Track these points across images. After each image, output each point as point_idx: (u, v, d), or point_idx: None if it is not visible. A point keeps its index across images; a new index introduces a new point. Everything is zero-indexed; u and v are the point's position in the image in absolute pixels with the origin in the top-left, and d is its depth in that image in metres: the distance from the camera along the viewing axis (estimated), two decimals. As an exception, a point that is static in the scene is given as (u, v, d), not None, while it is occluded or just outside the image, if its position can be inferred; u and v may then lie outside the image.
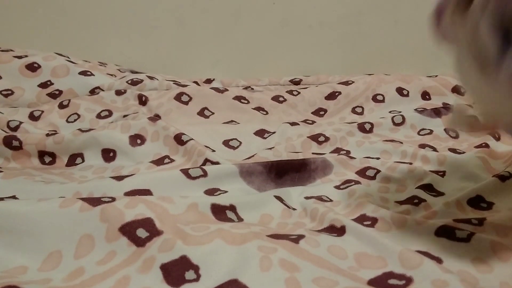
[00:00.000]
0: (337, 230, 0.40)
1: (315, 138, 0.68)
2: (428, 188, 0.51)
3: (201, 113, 0.78)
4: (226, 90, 0.84)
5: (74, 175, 0.57)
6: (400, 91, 0.85)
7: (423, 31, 0.39)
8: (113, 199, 0.38)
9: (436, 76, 0.91)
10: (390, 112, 0.80)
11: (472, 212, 0.46)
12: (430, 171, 0.55)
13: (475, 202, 0.47)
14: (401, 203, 0.48)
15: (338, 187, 0.51)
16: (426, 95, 0.85)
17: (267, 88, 0.92)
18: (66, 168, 0.60)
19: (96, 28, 1.06)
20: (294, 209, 0.46)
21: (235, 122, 0.76)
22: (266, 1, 1.05)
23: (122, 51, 1.07)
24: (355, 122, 0.73)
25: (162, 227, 0.36)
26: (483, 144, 0.64)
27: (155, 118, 0.68)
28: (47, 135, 0.62)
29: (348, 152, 0.65)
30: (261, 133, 0.72)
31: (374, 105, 0.83)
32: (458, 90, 0.86)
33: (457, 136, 0.70)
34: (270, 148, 0.64)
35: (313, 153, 0.64)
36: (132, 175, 0.51)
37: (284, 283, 0.32)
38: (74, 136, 0.62)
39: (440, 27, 0.33)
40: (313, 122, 0.78)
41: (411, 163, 0.59)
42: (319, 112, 0.83)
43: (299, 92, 0.87)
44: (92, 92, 0.82)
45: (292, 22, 1.07)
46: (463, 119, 0.47)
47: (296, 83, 0.95)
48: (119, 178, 0.49)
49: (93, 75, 0.85)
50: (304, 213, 0.45)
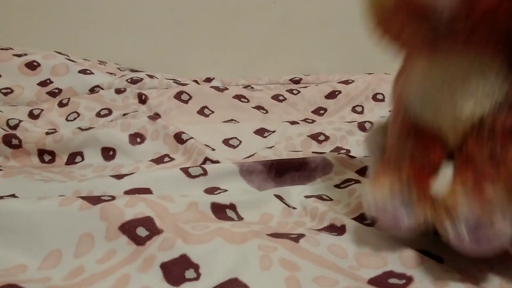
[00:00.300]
0: (337, 229, 0.40)
1: (315, 137, 0.68)
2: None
3: (201, 112, 0.78)
4: (226, 89, 0.84)
5: (73, 174, 0.56)
6: (400, 90, 0.85)
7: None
8: (113, 198, 0.38)
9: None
10: (390, 111, 0.79)
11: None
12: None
13: None
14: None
15: (338, 186, 0.51)
16: (426, 94, 0.85)
17: (267, 87, 0.92)
18: (65, 167, 0.60)
19: (96, 26, 1.06)
20: (294, 208, 0.46)
21: (235, 121, 0.76)
22: (266, -1, 1.05)
23: (122, 49, 1.07)
24: (355, 121, 0.73)
25: (162, 226, 0.35)
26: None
27: (155, 116, 0.68)
28: (47, 133, 0.62)
29: (348, 151, 0.64)
30: (261, 132, 0.72)
31: (374, 104, 0.83)
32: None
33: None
34: (270, 147, 0.64)
35: (313, 152, 0.64)
36: (132, 173, 0.50)
37: (284, 282, 0.31)
38: (73, 134, 0.62)
39: None
40: (313, 121, 0.78)
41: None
42: (319, 111, 0.83)
43: (299, 91, 0.87)
44: (92, 90, 0.82)
45: (292, 21, 1.07)
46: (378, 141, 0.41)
47: (296, 82, 0.95)
48: (119, 177, 0.49)
49: (92, 73, 0.85)
50: (304, 212, 0.45)
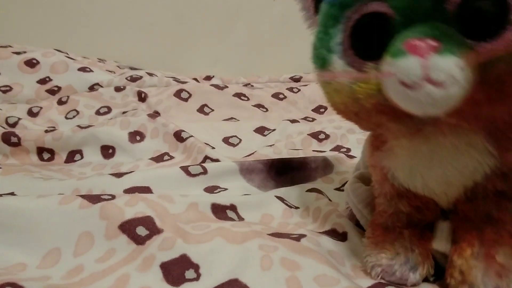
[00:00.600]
0: (338, 235, 0.39)
1: (315, 135, 0.67)
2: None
3: (201, 110, 0.78)
4: (226, 87, 0.84)
5: (73, 172, 0.56)
6: (400, 88, 0.85)
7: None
8: (113, 197, 0.38)
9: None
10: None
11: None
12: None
13: None
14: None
15: (338, 189, 0.51)
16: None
17: (267, 85, 0.92)
18: (65, 165, 0.59)
19: (95, 24, 1.06)
20: (297, 207, 0.46)
21: (235, 119, 0.76)
22: (266, -2, 1.05)
23: (121, 47, 1.07)
24: (355, 120, 0.73)
25: (162, 226, 0.35)
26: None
27: (155, 114, 0.68)
28: (46, 131, 0.61)
29: (348, 150, 0.64)
30: (261, 130, 0.72)
31: (375, 102, 0.83)
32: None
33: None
34: (270, 146, 0.64)
35: (313, 150, 0.64)
36: (131, 172, 0.50)
37: (285, 283, 0.31)
38: (73, 132, 0.61)
39: None
40: (313, 120, 0.78)
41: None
42: (319, 109, 0.83)
43: (299, 89, 0.87)
44: (91, 88, 0.82)
45: (293, 19, 1.07)
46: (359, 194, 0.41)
47: (296, 80, 0.95)
48: (119, 175, 0.49)
49: (92, 71, 0.84)
50: (306, 212, 0.45)
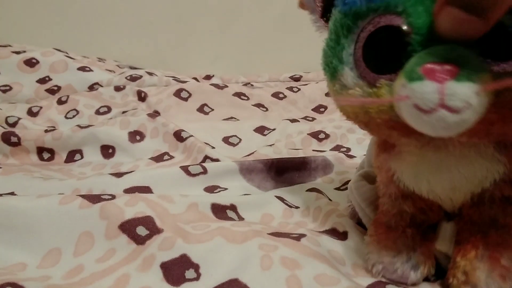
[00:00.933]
0: (339, 235, 0.39)
1: (315, 135, 0.67)
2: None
3: (200, 109, 0.78)
4: (226, 86, 0.84)
5: (73, 172, 0.56)
6: (400, 88, 0.85)
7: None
8: (113, 197, 0.38)
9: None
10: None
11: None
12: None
13: None
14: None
15: (338, 189, 0.51)
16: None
17: (267, 84, 0.92)
18: (65, 165, 0.59)
19: (95, 23, 1.06)
20: (297, 207, 0.46)
21: (235, 118, 0.76)
22: (266, -3, 1.05)
23: (121, 46, 1.07)
24: (355, 119, 0.73)
25: (162, 225, 0.35)
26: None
27: (155, 114, 0.67)
28: (46, 131, 0.61)
29: (348, 149, 0.64)
30: (261, 130, 0.72)
31: (375, 102, 0.83)
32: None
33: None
34: (270, 145, 0.64)
35: (313, 150, 0.64)
36: (131, 171, 0.50)
37: (285, 282, 0.31)
38: (73, 132, 0.61)
39: None
40: (313, 119, 0.78)
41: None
42: (319, 109, 0.83)
43: (299, 89, 0.87)
44: (91, 88, 0.82)
45: (292, 18, 1.07)
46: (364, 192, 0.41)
47: (296, 79, 0.95)
48: (119, 175, 0.49)
49: (92, 71, 0.84)
50: (307, 212, 0.45)
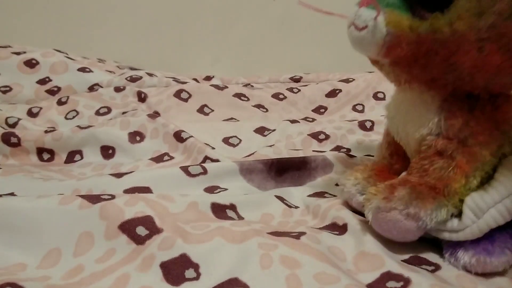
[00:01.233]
0: (339, 228, 0.39)
1: (315, 136, 0.67)
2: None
3: (200, 110, 0.78)
4: (226, 87, 0.84)
5: (72, 172, 0.56)
6: (400, 89, 0.85)
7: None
8: (112, 197, 0.38)
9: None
10: None
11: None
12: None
13: None
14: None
15: (338, 185, 0.51)
16: (426, 93, 0.85)
17: (267, 85, 0.92)
18: (64, 165, 0.59)
19: (95, 24, 1.06)
20: (297, 207, 0.46)
21: (235, 119, 0.76)
22: (266, -2, 1.05)
23: (121, 47, 1.07)
24: (355, 120, 0.73)
25: (162, 225, 0.35)
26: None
27: (155, 115, 0.67)
28: (46, 132, 0.61)
29: (348, 150, 0.64)
30: (261, 130, 0.72)
31: (375, 102, 0.83)
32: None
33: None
34: (270, 146, 0.64)
35: (313, 150, 0.64)
36: (131, 172, 0.50)
37: (285, 281, 0.31)
38: (73, 133, 0.61)
39: None
40: (313, 120, 0.78)
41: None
42: (320, 109, 0.83)
43: (299, 90, 0.87)
44: (91, 88, 0.82)
45: (292, 19, 1.07)
46: None
47: (296, 80, 0.95)
48: (118, 175, 0.49)
49: (92, 71, 0.84)
50: (307, 210, 0.45)
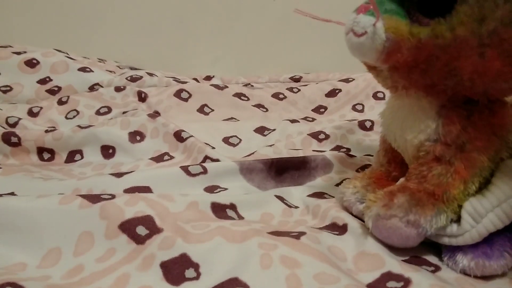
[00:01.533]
0: (338, 228, 0.40)
1: (315, 135, 0.67)
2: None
3: (201, 110, 0.78)
4: (226, 87, 0.84)
5: (73, 172, 0.56)
6: (400, 88, 0.85)
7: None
8: (113, 196, 0.38)
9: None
10: None
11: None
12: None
13: None
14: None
15: (338, 185, 0.51)
16: (426, 93, 0.85)
17: (267, 85, 0.92)
18: (65, 165, 0.59)
19: (95, 24, 1.06)
20: (297, 207, 0.46)
21: (235, 119, 0.76)
22: (266, -3, 1.05)
23: (121, 47, 1.07)
24: (355, 120, 0.73)
25: (162, 225, 0.35)
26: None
27: (155, 115, 0.68)
28: (46, 131, 0.61)
29: (348, 150, 0.64)
30: (261, 130, 0.72)
31: (375, 102, 0.83)
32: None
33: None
34: (270, 145, 0.64)
35: (313, 150, 0.64)
36: (131, 172, 0.50)
37: (285, 281, 0.31)
38: (73, 132, 0.61)
39: None
40: (313, 120, 0.78)
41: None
42: (319, 109, 0.83)
43: (299, 89, 0.87)
44: (91, 88, 0.82)
45: (292, 19, 1.07)
46: None
47: (296, 80, 0.95)
48: (119, 175, 0.49)
49: (92, 71, 0.84)
50: (306, 210, 0.45)
